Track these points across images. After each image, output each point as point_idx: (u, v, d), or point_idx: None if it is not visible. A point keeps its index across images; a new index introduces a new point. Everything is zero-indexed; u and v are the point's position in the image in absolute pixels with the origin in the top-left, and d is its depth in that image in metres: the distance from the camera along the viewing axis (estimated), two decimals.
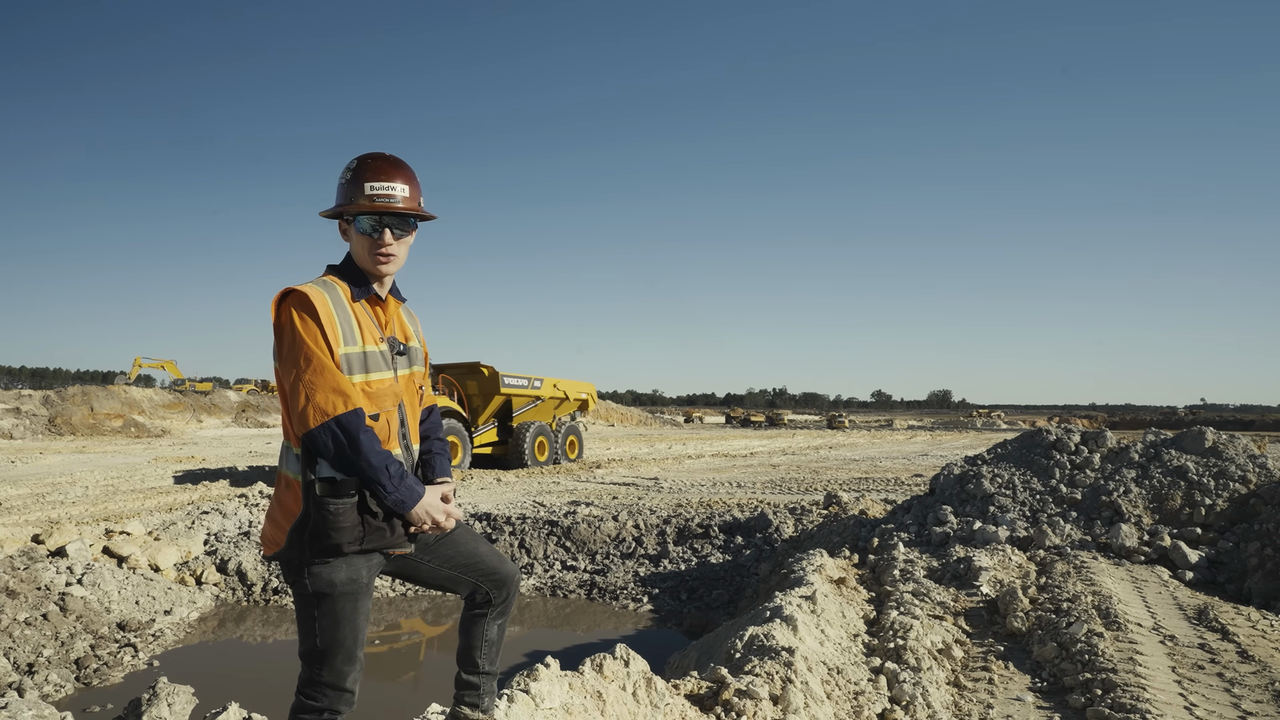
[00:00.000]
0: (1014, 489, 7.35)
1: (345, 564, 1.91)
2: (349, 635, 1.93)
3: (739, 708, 3.08)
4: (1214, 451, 7.10)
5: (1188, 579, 5.65)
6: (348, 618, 1.92)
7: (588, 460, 21.19)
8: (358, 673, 1.97)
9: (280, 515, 1.95)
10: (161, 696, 3.67)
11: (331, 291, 1.99)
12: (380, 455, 1.88)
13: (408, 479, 1.93)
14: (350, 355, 1.95)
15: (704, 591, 7.71)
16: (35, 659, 5.46)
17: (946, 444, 34.75)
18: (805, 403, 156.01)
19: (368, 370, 1.98)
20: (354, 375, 1.95)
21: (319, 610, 1.91)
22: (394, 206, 2.00)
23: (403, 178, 2.04)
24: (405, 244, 2.07)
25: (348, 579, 1.91)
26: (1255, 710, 3.40)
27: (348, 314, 1.98)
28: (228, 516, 9.16)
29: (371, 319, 2.05)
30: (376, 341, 2.03)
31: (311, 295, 1.92)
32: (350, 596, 1.92)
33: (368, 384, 1.97)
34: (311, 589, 1.90)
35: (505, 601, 2.28)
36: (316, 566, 1.90)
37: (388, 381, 2.02)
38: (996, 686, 3.82)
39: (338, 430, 1.84)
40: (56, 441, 28.00)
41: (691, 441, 34.51)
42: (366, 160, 2.03)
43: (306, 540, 1.89)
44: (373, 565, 1.99)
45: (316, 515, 1.87)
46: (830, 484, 15.28)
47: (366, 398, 1.96)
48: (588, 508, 10.19)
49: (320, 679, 1.94)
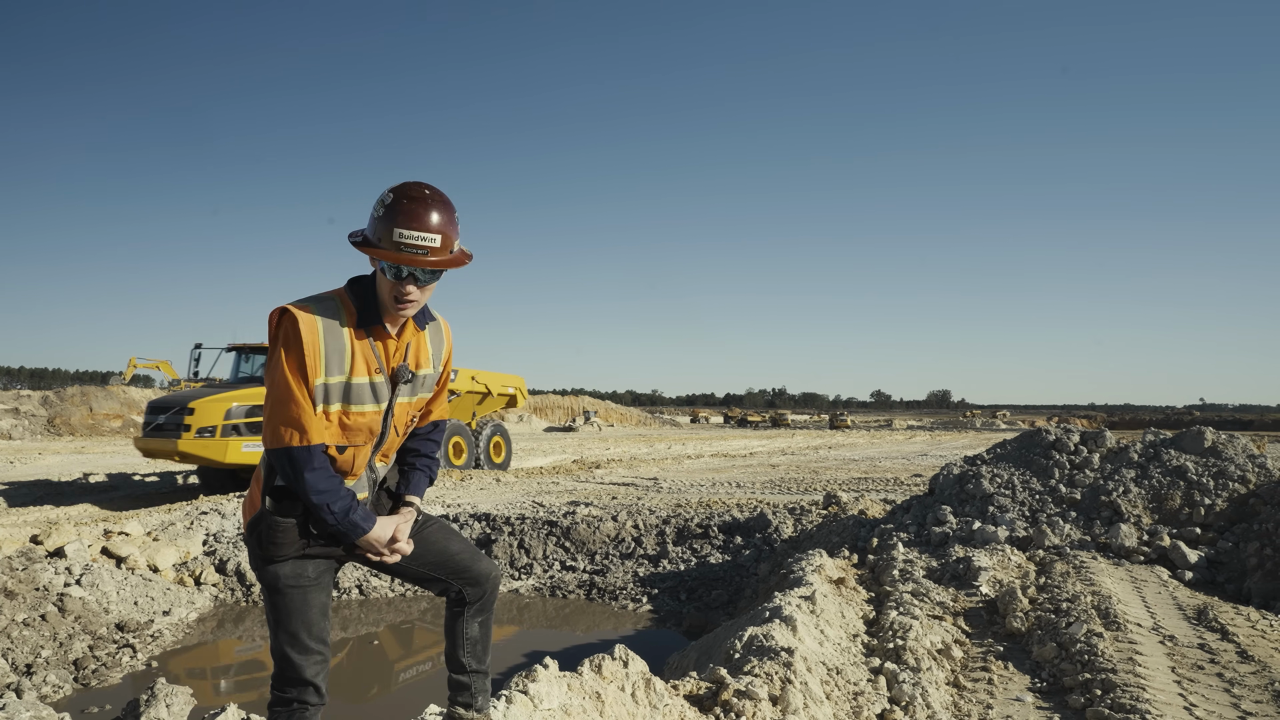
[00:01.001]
0: (1013, 489, 7.35)
1: (290, 561, 2.00)
2: (300, 628, 1.99)
3: (738, 708, 3.08)
4: (1213, 451, 7.10)
5: (1187, 579, 5.65)
6: (297, 610, 1.99)
7: (587, 460, 21.15)
8: (316, 665, 2.01)
9: (248, 506, 2.06)
10: (160, 697, 3.67)
11: (329, 316, 1.95)
12: (322, 494, 1.92)
13: (352, 514, 1.97)
14: (330, 386, 1.94)
15: (703, 592, 7.70)
16: (33, 660, 5.45)
17: (946, 444, 34.76)
18: (805, 403, 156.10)
19: (348, 401, 1.98)
20: (331, 404, 1.95)
21: (271, 603, 2.01)
22: (420, 260, 1.89)
23: (437, 223, 1.90)
24: (430, 289, 2.00)
25: (292, 574, 1.99)
26: (1255, 710, 3.39)
27: (341, 343, 1.95)
28: (226, 517, 9.15)
29: (374, 350, 2.02)
30: (372, 373, 2.00)
31: (301, 321, 1.90)
32: (299, 590, 1.99)
33: (345, 414, 1.98)
34: (262, 581, 2.01)
35: (483, 599, 2.28)
36: (264, 561, 2.00)
37: (369, 414, 2.01)
38: (996, 687, 3.81)
39: (287, 462, 1.92)
40: (55, 442, 27.98)
41: (691, 442, 34.52)
42: (402, 200, 1.88)
43: (256, 539, 2.00)
44: (320, 564, 2.05)
45: (264, 524, 1.98)
46: (829, 484, 15.28)
47: (341, 429, 1.98)
48: (587, 508, 10.18)
49: (283, 671, 2.01)
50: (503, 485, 14.53)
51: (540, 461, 21.73)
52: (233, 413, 11.51)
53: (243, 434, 11.53)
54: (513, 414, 53.71)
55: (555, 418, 59.42)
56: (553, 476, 16.73)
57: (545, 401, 61.61)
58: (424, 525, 2.23)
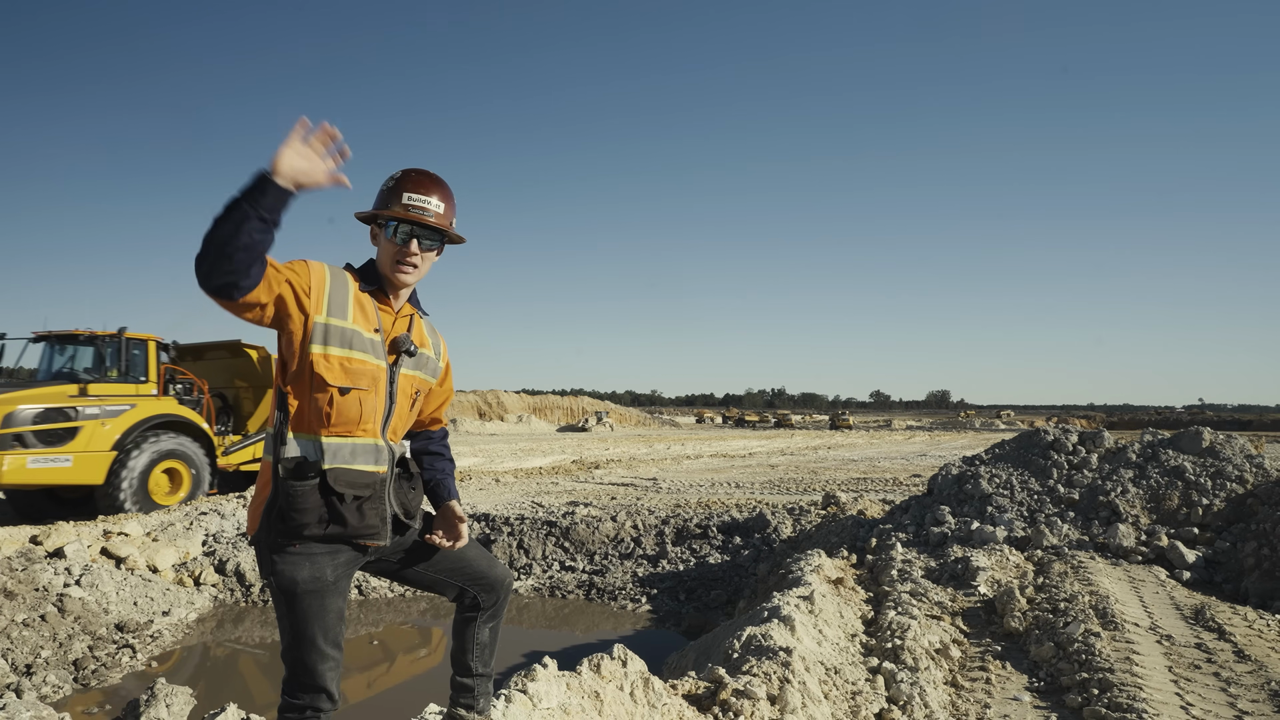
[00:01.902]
0: (1012, 489, 7.36)
1: (308, 561, 1.93)
2: (317, 632, 1.94)
3: (737, 708, 3.09)
4: (1211, 451, 7.11)
5: (1185, 579, 5.66)
6: (315, 615, 1.94)
7: (586, 461, 21.15)
8: (332, 671, 1.98)
9: (256, 498, 2.01)
10: (160, 697, 3.67)
11: (336, 272, 2.02)
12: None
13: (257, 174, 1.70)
14: (331, 326, 1.95)
15: (702, 592, 7.71)
16: (33, 660, 5.45)
17: (945, 444, 34.78)
18: (804, 403, 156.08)
19: (349, 346, 1.98)
20: (330, 345, 1.94)
21: (287, 607, 1.94)
22: (426, 219, 2.04)
23: (440, 195, 2.09)
24: (430, 259, 2.11)
25: (310, 576, 1.93)
26: (1251, 710, 3.41)
27: (345, 293, 2.00)
28: (226, 517, 9.15)
29: (375, 309, 2.06)
30: (371, 329, 2.03)
31: (310, 263, 1.96)
32: (316, 594, 1.93)
33: (348, 360, 1.97)
34: (277, 585, 1.94)
35: (495, 605, 2.30)
36: (281, 564, 1.93)
37: (371, 365, 2.02)
38: (994, 686, 3.82)
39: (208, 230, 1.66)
40: None
41: (690, 442, 34.53)
42: (410, 173, 2.09)
43: (274, 521, 1.93)
44: (339, 564, 1.99)
45: (282, 497, 1.91)
46: (828, 484, 15.30)
47: (343, 370, 1.96)
48: (586, 508, 10.19)
49: (298, 677, 1.96)
50: (502, 485, 14.53)
51: (539, 462, 21.74)
52: (15, 418, 8.89)
53: (29, 445, 8.96)
54: (512, 414, 53.71)
55: (555, 418, 59.43)
56: (552, 477, 16.74)
57: (544, 402, 61.64)
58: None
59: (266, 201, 1.66)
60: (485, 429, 47.40)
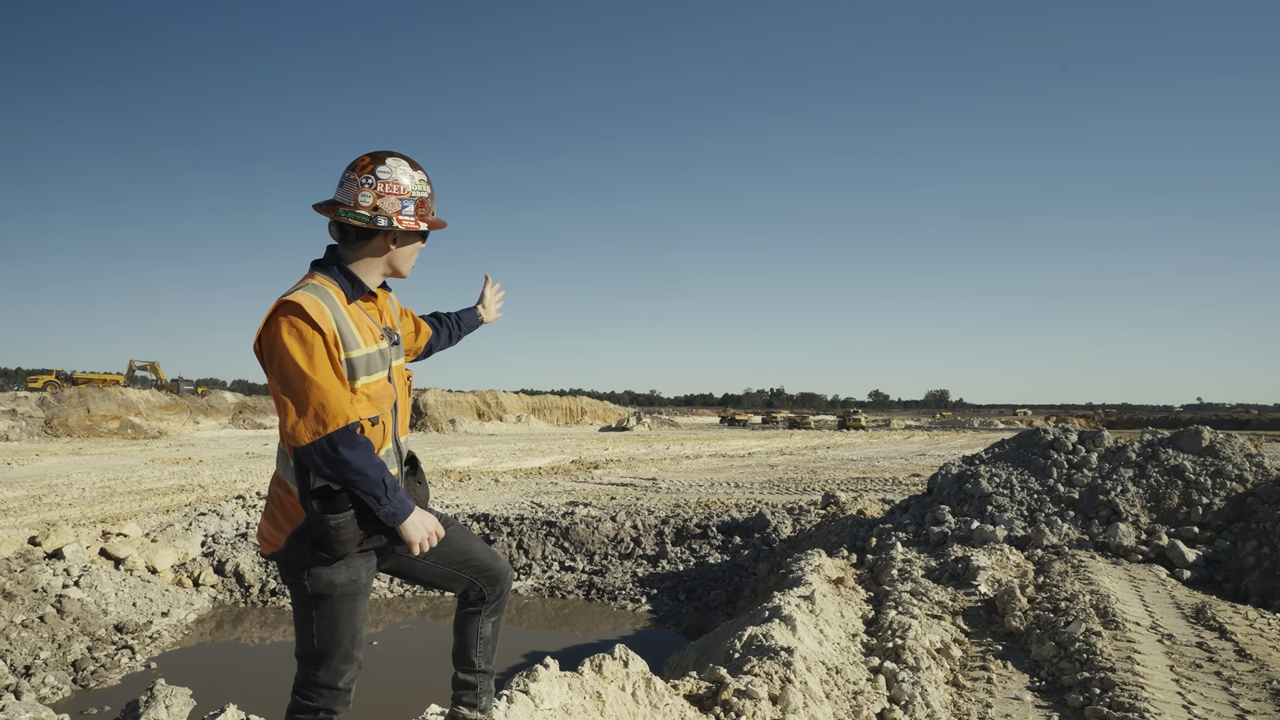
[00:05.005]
0: (1011, 488, 7.36)
1: (345, 565, 1.92)
2: (346, 635, 1.93)
3: (738, 708, 3.08)
4: (1211, 451, 7.11)
5: (1185, 578, 5.66)
6: (346, 618, 1.92)
7: (585, 461, 21.15)
8: (354, 673, 1.97)
9: (282, 518, 1.95)
10: (159, 698, 3.66)
11: (326, 298, 1.96)
12: (376, 468, 1.86)
13: (400, 491, 1.92)
14: (354, 360, 1.94)
15: (702, 592, 7.71)
16: (32, 661, 5.44)
17: (944, 444, 34.80)
18: (802, 403, 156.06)
19: (370, 373, 1.98)
20: (357, 380, 1.94)
21: (317, 611, 1.91)
22: (444, 225, 2.11)
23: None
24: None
25: (348, 580, 1.91)
26: (1253, 708, 3.40)
27: (345, 318, 1.97)
28: (225, 518, 9.14)
29: (368, 316, 2.04)
30: (377, 340, 2.02)
31: (308, 305, 1.89)
32: (349, 598, 1.92)
33: (367, 388, 1.96)
34: (311, 590, 1.90)
35: (499, 598, 2.29)
36: (317, 568, 1.90)
37: (382, 381, 2.02)
38: (995, 686, 3.82)
39: (328, 448, 1.83)
40: (53, 443, 27.93)
41: (689, 442, 34.54)
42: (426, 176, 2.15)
43: (308, 547, 1.90)
44: (371, 565, 1.99)
45: (319, 528, 1.87)
46: (828, 484, 15.30)
47: (367, 400, 1.96)
48: (586, 508, 10.18)
49: (317, 679, 1.94)
50: (501, 485, 14.53)
51: (539, 462, 21.72)
52: None
53: None
54: (511, 415, 53.68)
55: (555, 418, 59.38)
56: (551, 477, 16.73)
57: (544, 402, 61.59)
58: (446, 524, 2.23)
59: (392, 507, 1.90)
60: (484, 429, 47.40)
